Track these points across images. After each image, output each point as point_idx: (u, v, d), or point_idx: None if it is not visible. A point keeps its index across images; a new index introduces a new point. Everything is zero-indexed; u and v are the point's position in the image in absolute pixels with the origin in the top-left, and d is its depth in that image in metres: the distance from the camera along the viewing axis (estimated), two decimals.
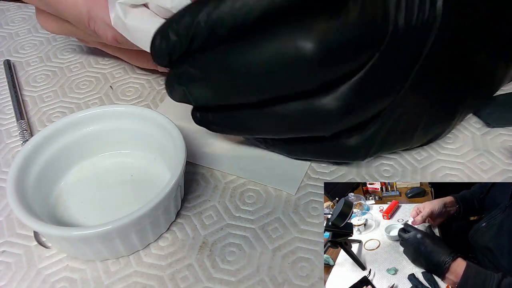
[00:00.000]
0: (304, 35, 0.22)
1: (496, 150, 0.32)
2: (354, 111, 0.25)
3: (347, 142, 0.27)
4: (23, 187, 0.26)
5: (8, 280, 0.26)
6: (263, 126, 0.28)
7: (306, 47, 0.22)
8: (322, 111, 0.25)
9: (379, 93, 0.25)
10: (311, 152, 0.30)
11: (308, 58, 0.22)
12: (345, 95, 0.24)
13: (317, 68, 0.23)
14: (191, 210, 0.29)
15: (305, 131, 0.27)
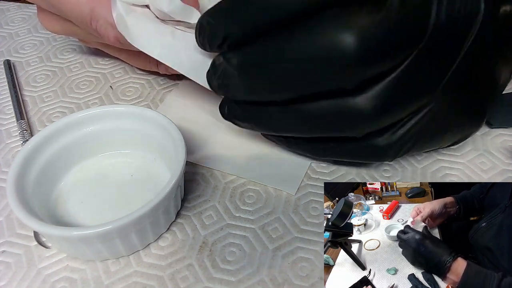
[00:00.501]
0: (345, 30, 0.21)
1: (496, 150, 0.32)
2: (389, 111, 0.24)
3: (377, 142, 0.26)
4: (23, 187, 0.26)
5: (8, 280, 0.26)
6: (292, 124, 0.27)
7: (347, 43, 0.21)
8: (356, 110, 0.24)
9: (415, 92, 0.24)
10: (337, 152, 0.29)
11: (349, 54, 0.22)
12: (381, 95, 0.23)
13: (358, 65, 0.22)
14: (191, 210, 0.29)
15: (337, 131, 0.26)
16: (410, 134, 0.26)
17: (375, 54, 0.22)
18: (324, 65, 0.22)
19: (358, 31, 0.21)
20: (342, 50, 0.22)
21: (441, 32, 0.23)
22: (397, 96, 0.24)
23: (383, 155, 0.27)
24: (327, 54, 0.22)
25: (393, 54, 0.22)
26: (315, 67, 0.23)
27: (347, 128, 0.26)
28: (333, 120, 0.25)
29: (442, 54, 0.24)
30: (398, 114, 0.25)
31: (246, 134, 0.34)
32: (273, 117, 0.27)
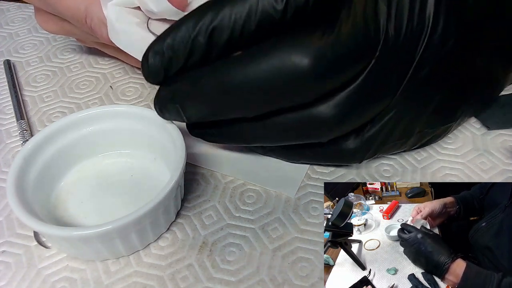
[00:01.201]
0: (300, 50, 0.23)
1: (496, 150, 0.32)
2: (350, 118, 0.26)
3: (344, 146, 0.28)
4: (23, 187, 0.26)
5: (8, 280, 0.26)
6: (260, 137, 0.28)
7: (302, 62, 0.23)
8: (318, 119, 0.26)
9: (374, 100, 0.26)
10: (309, 156, 0.30)
11: (305, 73, 0.23)
12: (341, 103, 0.25)
13: (314, 82, 0.24)
14: (191, 210, 0.29)
15: (303, 139, 0.27)
16: (376, 137, 0.28)
17: (330, 71, 0.23)
18: (283, 83, 0.24)
19: (312, 50, 0.23)
20: (299, 69, 0.23)
21: (392, 45, 0.24)
22: (357, 103, 0.25)
23: (352, 158, 0.29)
24: (285, 73, 0.23)
25: (347, 69, 0.24)
26: (274, 85, 0.24)
27: (312, 136, 0.27)
28: (298, 129, 0.27)
29: (397, 63, 0.25)
30: (358, 120, 0.26)
31: None
32: (241, 131, 0.28)
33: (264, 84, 0.24)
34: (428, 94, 0.27)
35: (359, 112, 0.26)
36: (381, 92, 0.26)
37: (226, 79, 0.24)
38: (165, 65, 0.25)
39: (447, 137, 0.33)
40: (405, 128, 0.28)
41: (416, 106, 0.27)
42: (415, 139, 0.30)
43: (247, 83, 0.24)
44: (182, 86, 0.26)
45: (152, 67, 0.25)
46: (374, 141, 0.28)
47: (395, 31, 0.24)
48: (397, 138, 0.29)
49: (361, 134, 0.27)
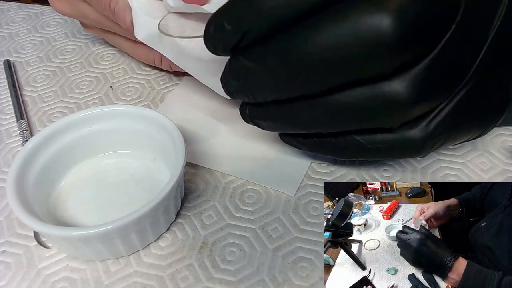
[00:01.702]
0: (378, 9, 0.20)
1: (496, 150, 0.32)
2: (427, 95, 0.23)
3: (412, 134, 0.24)
4: (23, 187, 0.26)
5: (8, 280, 0.26)
6: (321, 119, 0.25)
7: (383, 24, 0.20)
8: (391, 96, 0.22)
9: (451, 74, 0.23)
10: (367, 150, 0.26)
11: (387, 37, 0.20)
12: (418, 79, 0.22)
13: (397, 49, 0.20)
14: (191, 210, 0.29)
15: (370, 121, 0.24)
16: (445, 124, 0.24)
17: (415, 34, 0.20)
18: (359, 50, 0.21)
19: (394, 11, 0.20)
20: (379, 33, 0.20)
21: (472, 8, 0.21)
22: (434, 79, 0.22)
23: (418, 149, 0.25)
24: (362, 39, 0.20)
25: (432, 32, 0.21)
26: (349, 53, 0.21)
27: (382, 117, 0.23)
28: (367, 109, 0.23)
29: (475, 31, 0.22)
30: (435, 99, 0.23)
31: (246, 135, 0.34)
32: (300, 113, 0.25)
33: (335, 52, 0.21)
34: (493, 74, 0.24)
35: (437, 88, 0.23)
36: (459, 65, 0.23)
37: (292, 50, 0.22)
38: (224, 39, 0.23)
39: None
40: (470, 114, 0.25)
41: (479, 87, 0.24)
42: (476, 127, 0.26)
43: (316, 52, 0.21)
44: (244, 62, 0.24)
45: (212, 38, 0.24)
46: (444, 128, 0.24)
47: None
48: (462, 125, 0.25)
49: (430, 119, 0.24)
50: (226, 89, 0.27)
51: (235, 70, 0.25)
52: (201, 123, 0.35)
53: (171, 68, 0.37)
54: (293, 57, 0.22)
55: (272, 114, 0.27)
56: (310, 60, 0.22)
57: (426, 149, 0.25)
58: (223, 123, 0.35)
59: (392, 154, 0.26)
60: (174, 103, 0.37)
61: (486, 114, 0.26)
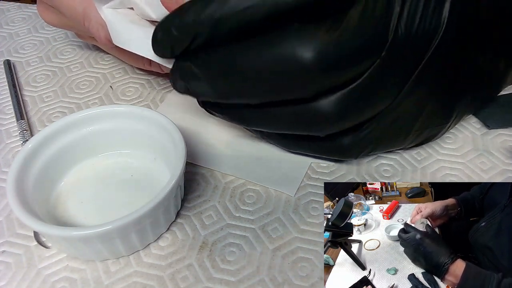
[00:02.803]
0: (304, 44, 0.23)
1: (496, 150, 0.32)
2: (350, 115, 0.26)
3: (341, 141, 0.28)
4: (23, 187, 0.26)
5: (8, 280, 0.26)
6: (260, 123, 0.28)
7: (305, 56, 0.23)
8: (318, 114, 0.25)
9: (376, 99, 0.26)
10: (305, 147, 0.30)
11: (307, 67, 0.23)
12: (342, 100, 0.25)
13: (316, 77, 0.23)
14: (191, 210, 0.29)
15: (301, 130, 0.28)
16: (372, 135, 0.27)
17: (333, 67, 0.23)
18: (285, 75, 0.24)
19: (317, 45, 0.22)
20: (302, 63, 0.23)
21: (400, 45, 0.24)
22: (358, 102, 0.25)
23: (348, 154, 0.29)
24: (288, 65, 0.23)
25: (351, 67, 0.24)
26: (276, 76, 0.24)
27: (310, 129, 0.27)
28: (298, 121, 0.26)
29: (402, 64, 0.25)
30: (358, 118, 0.26)
31: (246, 135, 0.34)
32: (244, 116, 0.28)
33: (267, 73, 0.24)
34: (428, 93, 0.27)
35: (360, 110, 0.26)
36: (385, 91, 0.26)
37: (230, 65, 0.25)
38: (171, 43, 0.26)
39: (447, 137, 0.33)
40: (402, 127, 0.28)
41: (416, 105, 0.27)
42: (412, 138, 0.29)
43: (250, 70, 0.24)
44: (190, 66, 0.26)
45: (159, 43, 0.26)
46: (371, 138, 0.28)
47: (405, 31, 0.24)
48: (394, 136, 0.29)
49: (358, 130, 0.27)
50: (173, 86, 0.29)
51: (182, 71, 0.27)
52: (201, 123, 0.35)
53: (162, 70, 0.37)
54: (231, 71, 0.25)
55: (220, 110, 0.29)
56: (246, 76, 0.24)
57: (354, 154, 0.29)
58: (223, 123, 0.35)
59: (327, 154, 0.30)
60: (174, 103, 0.37)
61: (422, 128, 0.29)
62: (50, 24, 0.39)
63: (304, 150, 0.31)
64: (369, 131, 0.27)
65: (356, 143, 0.28)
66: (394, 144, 0.30)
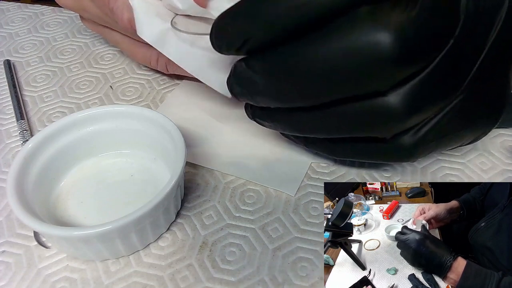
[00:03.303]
0: (380, 29, 0.20)
1: (496, 150, 0.32)
2: (420, 109, 0.23)
3: (402, 141, 0.25)
4: (23, 187, 0.26)
5: (8, 280, 0.26)
6: (320, 127, 0.26)
7: (384, 42, 0.20)
8: (387, 110, 0.23)
9: (446, 88, 0.23)
10: (360, 152, 0.27)
11: (387, 54, 0.20)
12: (413, 93, 0.22)
13: (397, 66, 0.21)
14: (191, 210, 0.29)
15: (366, 132, 0.25)
16: (434, 131, 0.25)
17: (414, 52, 0.21)
18: (359, 67, 0.21)
19: (395, 29, 0.20)
20: (380, 50, 0.20)
21: (471, 22, 0.22)
22: (428, 93, 0.23)
23: (408, 156, 0.26)
24: (362, 56, 0.20)
25: (430, 50, 0.21)
26: (349, 70, 0.21)
27: (377, 129, 0.24)
28: (363, 121, 0.24)
29: (472, 45, 0.23)
30: (429, 111, 0.24)
31: (246, 135, 0.34)
32: (301, 121, 0.26)
33: (336, 68, 0.21)
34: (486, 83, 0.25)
35: (430, 102, 0.23)
36: (453, 79, 0.23)
37: (293, 63, 0.22)
38: (225, 43, 0.24)
39: None
40: (461, 122, 0.25)
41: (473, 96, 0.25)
42: (468, 134, 0.27)
43: (316, 66, 0.21)
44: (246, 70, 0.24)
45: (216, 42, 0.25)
46: (433, 135, 0.25)
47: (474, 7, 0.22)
48: (454, 132, 0.26)
49: (420, 127, 0.24)
50: (231, 92, 0.27)
51: (238, 75, 0.26)
52: (201, 123, 0.35)
53: (167, 70, 0.37)
54: (292, 71, 0.23)
55: (273, 117, 0.28)
56: (310, 74, 0.22)
57: (416, 155, 0.26)
58: (223, 123, 0.35)
59: (383, 158, 0.27)
60: (174, 103, 0.37)
61: (480, 121, 0.27)
62: (63, 5, 0.38)
63: (356, 156, 0.28)
64: (431, 126, 0.24)
65: (418, 142, 0.25)
66: (454, 140, 0.27)
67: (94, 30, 0.40)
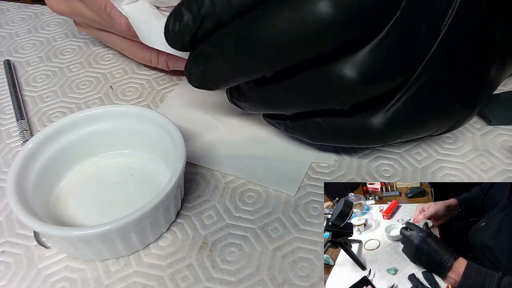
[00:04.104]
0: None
1: (496, 150, 0.32)
2: (374, 77, 0.24)
3: (370, 121, 0.26)
4: (23, 187, 0.26)
5: (8, 280, 0.26)
6: (284, 100, 0.27)
7: (323, 8, 0.21)
8: (340, 78, 0.24)
9: (400, 59, 0.24)
10: (330, 134, 0.28)
11: (326, 17, 0.21)
12: (364, 59, 0.23)
13: (336, 28, 0.22)
14: (191, 210, 0.29)
15: (324, 102, 0.26)
16: (403, 113, 0.25)
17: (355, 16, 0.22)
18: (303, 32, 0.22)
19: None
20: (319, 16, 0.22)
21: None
22: (380, 63, 0.23)
23: (378, 137, 0.26)
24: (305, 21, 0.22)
25: (374, 16, 0.22)
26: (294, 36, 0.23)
27: (333, 98, 0.25)
28: (319, 90, 0.25)
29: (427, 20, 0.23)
30: (384, 81, 0.24)
31: (246, 135, 0.34)
32: (266, 95, 0.27)
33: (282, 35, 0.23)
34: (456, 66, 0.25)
35: (384, 71, 0.24)
36: (408, 51, 0.24)
37: (243, 33, 0.24)
38: (184, 28, 0.25)
39: (447, 137, 0.33)
40: (432, 105, 0.26)
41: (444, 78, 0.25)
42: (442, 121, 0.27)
43: (266, 35, 0.23)
44: (203, 47, 0.26)
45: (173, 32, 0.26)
46: (402, 116, 0.25)
47: None
48: (424, 116, 0.26)
49: (388, 107, 0.25)
50: (189, 80, 0.28)
51: (196, 57, 0.27)
52: (201, 123, 0.35)
53: (167, 67, 0.37)
54: (245, 41, 0.24)
55: (246, 96, 0.29)
56: (261, 43, 0.23)
57: (386, 137, 0.26)
58: (223, 123, 0.35)
59: (355, 140, 0.28)
60: (174, 103, 0.37)
61: (453, 107, 0.27)
62: (57, 12, 0.38)
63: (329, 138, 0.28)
64: (399, 106, 0.25)
65: (387, 122, 0.25)
66: (426, 126, 0.27)
67: (90, 34, 0.40)
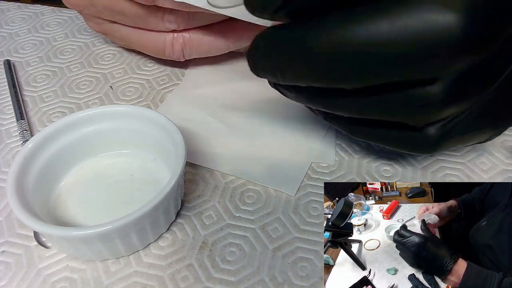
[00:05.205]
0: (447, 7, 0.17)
1: (496, 150, 0.32)
2: (461, 100, 0.21)
3: (427, 132, 0.23)
4: (23, 187, 0.26)
5: (8, 280, 0.26)
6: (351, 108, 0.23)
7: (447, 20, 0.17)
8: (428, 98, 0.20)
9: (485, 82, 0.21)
10: (381, 137, 0.25)
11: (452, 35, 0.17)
12: (459, 82, 0.20)
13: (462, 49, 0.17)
14: (191, 210, 0.29)
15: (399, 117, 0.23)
16: (461, 126, 0.23)
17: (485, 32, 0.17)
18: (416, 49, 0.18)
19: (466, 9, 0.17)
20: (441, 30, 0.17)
21: None
22: (471, 84, 0.20)
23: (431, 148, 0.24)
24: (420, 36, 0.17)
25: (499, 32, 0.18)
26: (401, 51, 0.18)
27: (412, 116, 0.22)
28: (400, 107, 0.21)
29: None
30: (465, 103, 0.22)
31: (246, 135, 0.34)
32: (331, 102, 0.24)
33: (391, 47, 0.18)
34: None
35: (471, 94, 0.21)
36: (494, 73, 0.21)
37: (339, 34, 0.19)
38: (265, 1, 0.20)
39: None
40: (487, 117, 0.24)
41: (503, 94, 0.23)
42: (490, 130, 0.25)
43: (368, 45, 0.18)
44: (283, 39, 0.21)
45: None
46: (459, 129, 0.23)
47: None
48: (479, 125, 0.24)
49: (447, 120, 0.22)
50: (252, 65, 0.24)
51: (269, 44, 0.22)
52: (201, 123, 0.35)
53: (183, 55, 0.35)
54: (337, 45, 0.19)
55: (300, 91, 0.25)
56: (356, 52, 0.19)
57: (439, 148, 0.24)
58: (223, 123, 0.35)
59: (404, 147, 0.25)
60: (174, 103, 0.37)
61: (501, 120, 0.25)
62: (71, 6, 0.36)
63: (375, 139, 0.26)
64: (459, 120, 0.22)
65: (444, 135, 0.23)
66: (477, 137, 0.25)
67: (99, 30, 0.39)
